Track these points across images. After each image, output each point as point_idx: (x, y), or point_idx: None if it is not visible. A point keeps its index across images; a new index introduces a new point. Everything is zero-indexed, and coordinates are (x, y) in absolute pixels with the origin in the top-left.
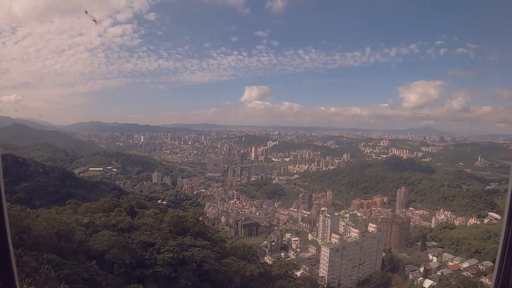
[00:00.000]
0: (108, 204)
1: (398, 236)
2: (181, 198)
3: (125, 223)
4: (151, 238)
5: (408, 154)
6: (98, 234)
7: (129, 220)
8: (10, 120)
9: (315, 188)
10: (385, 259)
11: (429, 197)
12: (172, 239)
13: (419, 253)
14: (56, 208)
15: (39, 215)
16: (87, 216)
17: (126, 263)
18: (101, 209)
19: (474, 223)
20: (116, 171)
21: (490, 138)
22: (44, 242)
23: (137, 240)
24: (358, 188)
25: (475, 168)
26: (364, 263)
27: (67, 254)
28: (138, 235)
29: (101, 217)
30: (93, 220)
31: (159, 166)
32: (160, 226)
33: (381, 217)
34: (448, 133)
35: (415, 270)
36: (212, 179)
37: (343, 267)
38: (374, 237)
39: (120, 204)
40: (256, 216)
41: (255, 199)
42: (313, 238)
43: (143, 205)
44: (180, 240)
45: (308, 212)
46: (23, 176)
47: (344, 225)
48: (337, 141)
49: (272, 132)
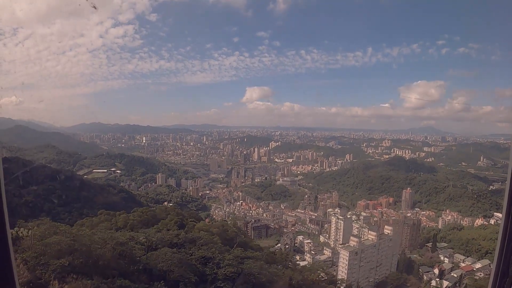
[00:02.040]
0: (147, 216)
1: (409, 237)
2: (187, 200)
3: (180, 238)
4: (209, 252)
5: (411, 155)
6: (158, 252)
7: (183, 235)
8: (12, 122)
9: (320, 189)
10: (399, 261)
11: (434, 197)
12: (226, 252)
13: (430, 254)
14: (90, 220)
15: (94, 234)
16: (141, 233)
17: (192, 280)
18: (139, 220)
19: (481, 223)
20: (120, 172)
21: (491, 138)
22: (110, 266)
23: (195, 255)
24: (363, 189)
25: (477, 168)
26: (381, 265)
27: (133, 276)
28: (195, 250)
29: (155, 233)
30: (149, 236)
31: (163, 167)
32: (213, 239)
33: (393, 219)
34: (449, 133)
35: (429, 271)
36: (216, 181)
37: (361, 270)
38: (390, 239)
39: (156, 214)
40: (263, 218)
41: (261, 201)
42: (325, 240)
43: (180, 215)
44: (234, 252)
45: (315, 213)
46: (31, 180)
47: (358, 227)
48: (339, 142)
49: (274, 132)
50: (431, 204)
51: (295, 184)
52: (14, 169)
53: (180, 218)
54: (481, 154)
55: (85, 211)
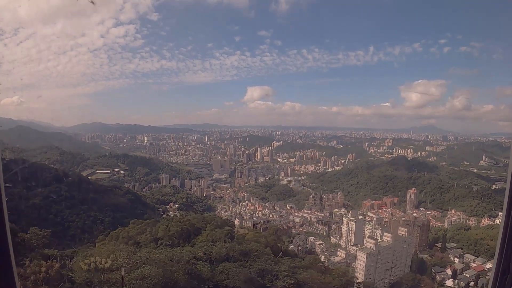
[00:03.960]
0: (186, 225)
1: (419, 238)
2: (192, 201)
3: (234, 250)
4: (266, 264)
5: (413, 154)
6: (221, 268)
7: (238, 247)
8: (13, 122)
9: (324, 189)
10: (412, 261)
11: (439, 197)
12: (278, 262)
13: (441, 254)
14: (125, 230)
15: (161, 254)
16: (201, 248)
17: None
18: (180, 232)
19: (487, 223)
20: (124, 173)
21: (492, 137)
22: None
23: (253, 268)
24: (367, 189)
25: (480, 167)
26: (395, 266)
27: None
28: (251, 262)
29: (211, 247)
30: (206, 251)
31: (166, 167)
32: (265, 250)
33: (403, 220)
34: (450, 131)
35: (442, 271)
36: (220, 181)
37: (377, 271)
38: (404, 241)
39: (194, 223)
40: (270, 218)
41: (266, 201)
42: (336, 241)
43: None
44: (286, 262)
45: (322, 214)
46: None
47: (370, 229)
48: (340, 141)
49: (275, 132)
50: (435, 204)
51: (298, 184)
52: (19, 171)
53: (229, 230)
54: (483, 153)
55: (92, 213)
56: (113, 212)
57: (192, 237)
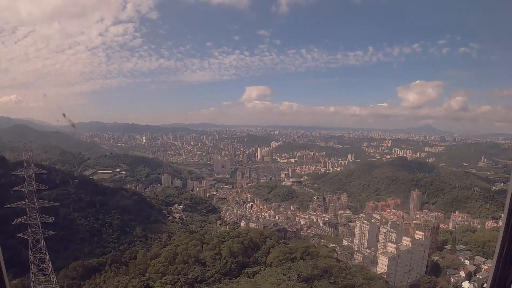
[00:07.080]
0: (246, 240)
1: (430, 240)
2: (196, 202)
3: (317, 268)
4: (345, 279)
5: (412, 154)
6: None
7: (320, 265)
8: (10, 121)
9: (327, 190)
10: (428, 264)
11: (441, 199)
12: (353, 276)
13: (451, 256)
14: (182, 247)
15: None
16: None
17: None
18: (242, 248)
19: (492, 225)
20: (125, 173)
21: (489, 137)
22: None
23: (339, 284)
24: (370, 190)
25: (479, 168)
26: (413, 269)
27: None
28: (337, 278)
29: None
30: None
31: (167, 168)
32: (342, 265)
33: (414, 223)
34: (447, 132)
35: (455, 273)
36: (221, 181)
37: (397, 274)
38: (422, 244)
39: (252, 238)
40: (276, 220)
41: (269, 202)
42: (348, 244)
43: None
44: (358, 276)
45: (327, 215)
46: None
47: (385, 232)
48: (339, 141)
49: (273, 132)
50: (438, 206)
51: (300, 185)
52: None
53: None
54: (481, 155)
55: (100, 216)
56: (120, 214)
57: (251, 252)
